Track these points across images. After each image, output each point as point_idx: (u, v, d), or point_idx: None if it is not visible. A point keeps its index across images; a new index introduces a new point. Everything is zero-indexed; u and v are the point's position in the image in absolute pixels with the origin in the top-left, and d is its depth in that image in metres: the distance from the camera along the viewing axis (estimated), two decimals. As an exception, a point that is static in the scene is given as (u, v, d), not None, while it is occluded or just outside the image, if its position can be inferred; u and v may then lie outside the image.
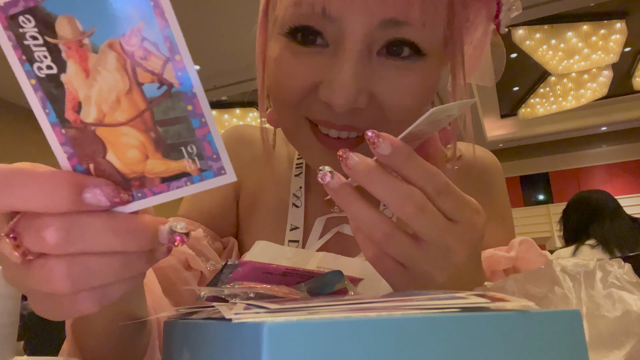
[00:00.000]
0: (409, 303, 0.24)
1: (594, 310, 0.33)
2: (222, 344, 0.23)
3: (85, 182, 0.23)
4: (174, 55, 0.21)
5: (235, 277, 0.35)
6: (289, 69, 0.45)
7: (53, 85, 0.22)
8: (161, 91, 0.21)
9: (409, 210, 0.32)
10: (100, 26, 0.20)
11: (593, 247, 1.97)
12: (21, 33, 0.21)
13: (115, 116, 0.22)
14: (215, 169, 0.22)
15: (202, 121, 0.22)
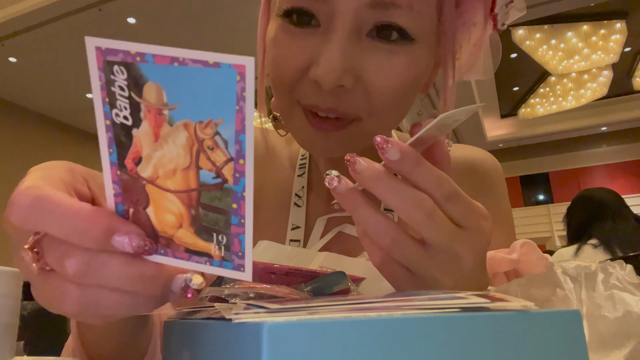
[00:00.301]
0: (409, 303, 0.24)
1: (594, 310, 0.33)
2: (222, 344, 0.23)
3: (118, 227, 0.24)
4: (238, 159, 0.22)
5: (237, 277, 0.35)
6: (283, 50, 0.46)
7: (124, 133, 0.24)
8: (215, 181, 0.23)
9: (417, 216, 0.31)
10: (183, 106, 0.22)
11: (595, 246, 1.94)
12: (111, 79, 0.23)
13: (167, 183, 0.24)
14: (236, 264, 0.24)
15: (241, 222, 0.23)
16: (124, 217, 0.26)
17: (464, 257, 0.33)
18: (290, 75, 0.46)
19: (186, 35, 5.07)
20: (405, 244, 0.33)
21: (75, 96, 6.33)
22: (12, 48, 5.17)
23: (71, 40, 5.06)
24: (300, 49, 0.45)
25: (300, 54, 0.45)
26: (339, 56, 0.42)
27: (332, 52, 0.42)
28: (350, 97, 0.45)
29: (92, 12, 4.63)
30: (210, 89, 0.21)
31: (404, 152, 0.31)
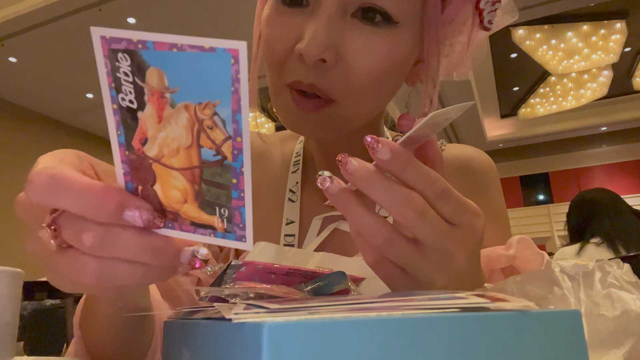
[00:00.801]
0: (409, 303, 0.24)
1: (592, 309, 0.33)
2: (222, 344, 0.23)
3: (129, 202, 0.26)
4: (236, 137, 0.24)
5: (239, 277, 0.35)
6: (274, 30, 0.48)
7: (130, 116, 0.25)
8: (215, 159, 0.25)
9: (409, 215, 0.32)
10: (183, 89, 0.24)
11: (598, 245, 1.95)
12: (117, 66, 0.24)
13: (172, 161, 0.26)
14: (238, 235, 0.26)
15: (241, 195, 0.25)
16: (134, 194, 0.27)
17: (456, 255, 0.33)
18: (279, 54, 0.47)
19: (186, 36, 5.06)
20: (398, 243, 0.33)
21: (75, 96, 6.33)
22: (12, 48, 5.17)
23: (71, 40, 5.06)
24: (289, 28, 0.47)
25: (288, 32, 0.47)
26: (323, 31, 0.44)
27: (316, 27, 0.44)
28: (330, 74, 0.46)
29: (92, 12, 4.63)
30: (208, 72, 0.23)
31: (395, 152, 0.31)
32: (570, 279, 0.35)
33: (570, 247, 2.05)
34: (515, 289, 0.36)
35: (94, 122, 7.01)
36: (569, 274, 0.35)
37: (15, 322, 0.37)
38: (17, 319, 0.37)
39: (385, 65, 0.46)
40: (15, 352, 0.37)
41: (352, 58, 0.45)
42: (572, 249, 2.00)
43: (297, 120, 0.49)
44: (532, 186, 10.26)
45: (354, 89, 0.47)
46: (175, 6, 4.57)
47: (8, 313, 0.36)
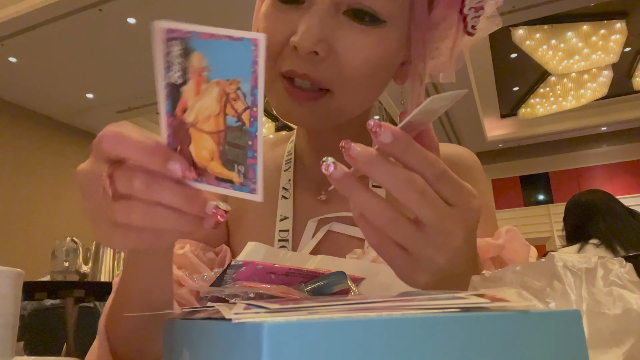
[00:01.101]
0: (409, 303, 0.24)
1: (594, 307, 0.33)
2: (222, 344, 0.23)
3: (172, 156, 0.31)
4: (252, 107, 0.30)
5: (239, 277, 0.35)
6: (270, 24, 0.51)
7: (176, 90, 0.32)
8: (237, 124, 0.30)
9: (411, 194, 0.33)
10: (216, 69, 0.30)
11: (597, 246, 1.95)
12: (169, 50, 0.31)
13: (204, 126, 0.32)
14: (251, 188, 0.31)
15: (254, 155, 0.30)
16: (174, 148, 0.33)
17: (455, 234, 0.35)
18: (275, 45, 0.50)
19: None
20: (400, 222, 0.34)
21: (75, 96, 6.33)
22: (12, 48, 5.17)
23: (71, 40, 5.06)
24: (285, 22, 0.50)
25: (284, 26, 0.50)
26: (316, 25, 0.47)
27: (309, 21, 0.47)
28: (323, 66, 0.49)
29: (92, 12, 4.63)
30: (235, 56, 0.29)
31: (396, 135, 0.33)
32: (572, 275, 0.35)
33: (569, 247, 2.06)
34: (514, 279, 0.36)
35: (94, 122, 7.01)
36: (572, 269, 0.35)
37: (16, 322, 0.37)
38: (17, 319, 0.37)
39: (373, 60, 0.49)
40: (15, 352, 0.37)
41: (343, 52, 0.49)
42: (571, 250, 2.01)
43: (290, 109, 0.52)
44: (532, 186, 10.25)
45: (345, 80, 0.49)
46: (176, 6, 4.57)
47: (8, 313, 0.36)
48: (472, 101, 7.46)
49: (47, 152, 6.66)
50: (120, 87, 6.13)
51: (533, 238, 9.58)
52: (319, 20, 0.47)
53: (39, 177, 6.32)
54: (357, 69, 0.49)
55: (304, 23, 0.47)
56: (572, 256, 0.36)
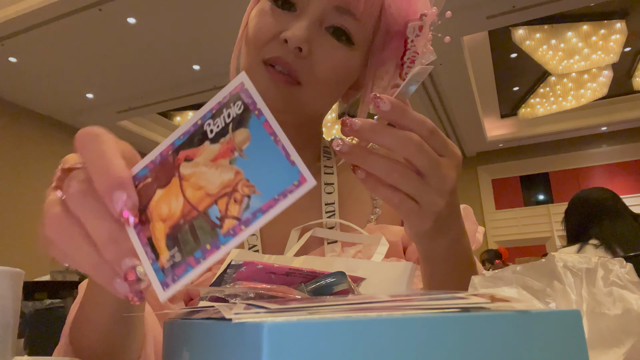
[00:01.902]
0: (409, 303, 0.24)
1: (594, 307, 0.33)
2: (222, 344, 0.23)
3: (126, 185, 0.28)
4: (241, 224, 0.26)
5: (239, 277, 0.35)
6: (264, 20, 0.60)
7: (199, 138, 0.28)
8: (215, 221, 0.27)
9: (411, 148, 0.39)
10: (249, 163, 0.27)
11: (597, 247, 1.93)
12: (229, 105, 0.28)
13: (188, 189, 0.28)
14: (165, 281, 0.27)
15: (201, 260, 0.26)
16: (141, 180, 0.29)
17: (449, 178, 0.41)
18: (264, 36, 0.59)
19: (186, 36, 5.07)
20: (409, 175, 0.40)
21: (75, 96, 6.33)
22: (12, 48, 5.17)
23: (71, 40, 5.06)
24: (278, 22, 0.59)
25: (276, 24, 0.59)
26: (305, 28, 0.57)
27: (301, 24, 0.57)
28: (301, 62, 0.58)
29: (92, 12, 4.63)
30: (274, 171, 0.26)
31: (394, 103, 0.40)
32: (572, 275, 0.35)
33: (569, 248, 2.04)
34: (514, 279, 0.36)
35: (94, 122, 7.00)
36: (572, 269, 0.35)
37: (16, 322, 0.37)
38: (18, 319, 0.37)
39: (339, 71, 0.61)
40: (15, 351, 0.37)
41: (319, 57, 0.59)
42: (571, 250, 2.00)
43: (267, 90, 0.59)
44: (532, 186, 10.25)
45: (316, 80, 0.60)
46: (176, 6, 4.57)
47: (8, 313, 0.36)
48: (472, 101, 7.46)
49: (47, 152, 6.65)
50: (120, 87, 6.14)
51: (533, 238, 9.58)
52: (307, 26, 0.57)
53: (39, 177, 6.31)
54: (326, 74, 0.59)
55: (296, 24, 0.57)
56: (572, 256, 0.36)
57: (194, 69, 5.76)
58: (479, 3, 4.85)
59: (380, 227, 0.65)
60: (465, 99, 7.31)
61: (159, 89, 6.17)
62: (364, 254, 0.61)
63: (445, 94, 7.08)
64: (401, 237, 0.64)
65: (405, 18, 0.61)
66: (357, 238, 0.62)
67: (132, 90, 6.20)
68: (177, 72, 5.80)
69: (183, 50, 5.34)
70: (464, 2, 4.77)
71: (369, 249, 0.61)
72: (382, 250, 0.58)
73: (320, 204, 0.67)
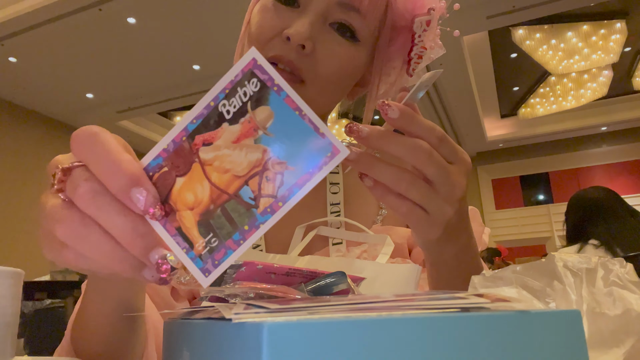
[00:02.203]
0: (409, 303, 0.24)
1: (594, 307, 0.33)
2: (222, 344, 0.23)
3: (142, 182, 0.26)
4: (278, 201, 0.26)
5: (239, 277, 0.35)
6: (268, 16, 0.59)
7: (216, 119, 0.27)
8: (249, 201, 0.26)
9: (421, 157, 0.38)
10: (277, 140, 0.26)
11: (597, 247, 1.93)
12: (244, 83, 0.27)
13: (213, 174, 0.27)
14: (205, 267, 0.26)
15: (240, 242, 0.26)
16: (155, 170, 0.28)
17: (458, 186, 0.41)
18: (267, 34, 0.58)
19: (186, 36, 5.07)
20: (417, 183, 0.39)
21: (75, 96, 6.33)
22: (12, 48, 5.17)
23: (71, 40, 5.05)
24: (279, 18, 0.58)
25: (278, 21, 0.57)
26: (308, 25, 0.55)
27: (304, 21, 0.56)
28: (305, 60, 0.57)
29: (92, 12, 4.63)
30: (305, 147, 0.25)
31: (402, 110, 0.39)
32: (572, 275, 0.35)
33: (569, 247, 2.04)
34: (514, 279, 0.36)
35: (94, 122, 7.00)
36: (572, 269, 0.35)
37: (16, 322, 0.37)
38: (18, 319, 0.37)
39: (343, 68, 0.58)
40: (15, 351, 0.37)
41: (322, 55, 0.57)
42: (571, 250, 1.99)
43: None
44: (532, 186, 10.24)
45: (318, 77, 0.58)
46: (176, 6, 4.57)
47: (8, 313, 0.36)
48: (472, 101, 7.46)
49: (47, 152, 6.65)
50: (120, 87, 6.13)
51: (533, 238, 9.58)
52: (310, 23, 0.56)
53: (39, 177, 6.31)
54: (330, 71, 0.58)
55: (299, 21, 0.55)
56: (572, 256, 0.36)
57: (194, 69, 5.75)
58: (479, 3, 4.84)
59: (386, 228, 0.65)
60: (465, 98, 7.31)
61: (159, 89, 6.17)
62: (369, 254, 0.61)
63: (445, 93, 7.08)
64: (407, 239, 0.64)
65: (412, 13, 0.59)
66: (362, 237, 0.62)
67: (132, 90, 6.20)
68: (177, 72, 5.80)
69: (183, 50, 5.34)
70: (464, 2, 4.75)
71: (374, 249, 0.61)
72: (388, 251, 0.58)
73: (326, 203, 0.67)
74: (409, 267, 0.53)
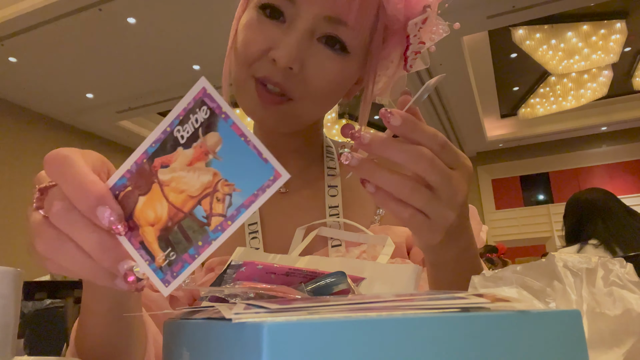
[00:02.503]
0: (409, 303, 0.24)
1: (594, 307, 0.33)
2: (222, 344, 0.23)
3: (106, 201, 0.29)
4: (227, 220, 0.28)
5: (239, 277, 0.35)
6: (253, 33, 0.58)
7: (171, 144, 0.29)
8: (202, 220, 0.28)
9: (423, 164, 0.39)
10: (225, 163, 0.28)
11: (596, 246, 1.93)
12: (195, 110, 0.29)
13: (170, 193, 0.29)
14: (165, 278, 0.29)
15: (195, 256, 0.28)
16: (120, 189, 0.31)
17: (460, 191, 0.41)
18: (253, 53, 0.57)
19: (186, 36, 5.07)
20: (419, 189, 0.39)
21: (75, 96, 6.33)
22: (12, 48, 5.17)
23: (71, 40, 5.05)
24: (266, 35, 0.57)
25: (264, 38, 0.57)
26: (295, 46, 0.55)
27: (290, 42, 0.55)
28: (293, 79, 0.57)
29: (92, 12, 4.63)
30: (249, 169, 0.27)
31: (404, 118, 0.39)
32: (572, 275, 0.35)
33: (569, 247, 2.04)
34: (514, 279, 0.36)
35: (94, 122, 7.00)
36: (572, 269, 0.35)
37: (16, 322, 0.37)
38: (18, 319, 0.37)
39: (334, 82, 0.58)
40: (15, 351, 0.37)
41: (312, 71, 0.57)
42: (571, 250, 1.99)
43: (255, 109, 0.59)
44: (532, 186, 10.24)
45: (309, 94, 0.58)
46: (175, 6, 4.57)
47: (8, 313, 0.36)
48: (472, 101, 7.46)
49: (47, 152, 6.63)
50: (120, 87, 6.13)
51: (533, 238, 9.58)
52: (297, 42, 0.55)
53: (39, 177, 6.30)
54: (321, 87, 0.58)
55: (285, 42, 0.55)
56: (572, 256, 0.36)
57: (194, 69, 5.75)
58: (479, 3, 4.84)
59: (385, 227, 0.65)
60: (465, 98, 7.31)
61: (159, 89, 6.16)
62: (369, 254, 0.61)
63: (445, 94, 7.08)
64: (405, 238, 0.64)
65: (405, 15, 0.58)
66: (362, 238, 0.62)
67: (132, 90, 6.20)
68: (177, 72, 5.80)
69: (183, 50, 5.34)
70: (464, 2, 4.77)
71: (373, 250, 0.61)
72: (388, 251, 0.58)
73: (324, 205, 0.67)
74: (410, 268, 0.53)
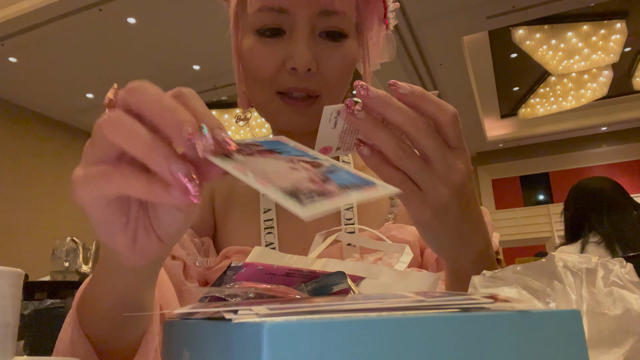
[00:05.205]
0: (409, 303, 0.24)
1: (594, 307, 0.33)
2: (222, 344, 0.23)
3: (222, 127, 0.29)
4: None
5: (239, 278, 0.35)
6: (261, 55, 0.61)
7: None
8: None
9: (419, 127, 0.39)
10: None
11: (598, 244, 1.83)
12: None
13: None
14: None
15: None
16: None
17: (457, 169, 0.40)
18: (270, 71, 0.61)
19: (186, 36, 5.07)
20: (413, 155, 0.40)
21: (75, 96, 6.33)
22: (12, 48, 5.17)
23: (71, 40, 5.06)
24: (275, 52, 0.61)
25: (275, 55, 0.61)
26: (307, 49, 0.59)
27: (301, 48, 0.59)
28: (314, 78, 0.61)
29: (92, 12, 4.63)
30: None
31: (412, 87, 0.40)
32: (572, 275, 0.35)
33: (570, 246, 1.97)
34: (515, 279, 0.36)
35: (94, 122, 6.97)
36: (572, 269, 0.35)
37: (16, 322, 0.37)
38: (18, 319, 0.37)
39: (346, 66, 0.64)
40: (15, 352, 0.37)
41: (326, 66, 0.61)
42: (572, 249, 1.94)
43: (290, 118, 0.63)
44: (532, 186, 10.25)
45: (330, 86, 0.63)
46: (176, 7, 4.57)
47: (8, 313, 0.36)
48: (472, 101, 7.46)
49: (47, 152, 6.65)
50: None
51: (533, 238, 9.58)
52: (306, 45, 0.59)
53: (39, 177, 6.31)
54: (337, 76, 0.63)
55: (297, 50, 0.59)
56: (572, 256, 0.36)
57: (194, 69, 5.76)
58: (479, 3, 4.85)
59: (398, 226, 0.65)
60: (465, 99, 7.31)
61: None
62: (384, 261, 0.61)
63: (445, 94, 7.08)
64: (419, 239, 0.64)
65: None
66: (381, 246, 0.62)
67: (132, 90, 6.20)
68: (177, 72, 5.80)
69: (183, 50, 5.34)
70: (464, 2, 4.77)
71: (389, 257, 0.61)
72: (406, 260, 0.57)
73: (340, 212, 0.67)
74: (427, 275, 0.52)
